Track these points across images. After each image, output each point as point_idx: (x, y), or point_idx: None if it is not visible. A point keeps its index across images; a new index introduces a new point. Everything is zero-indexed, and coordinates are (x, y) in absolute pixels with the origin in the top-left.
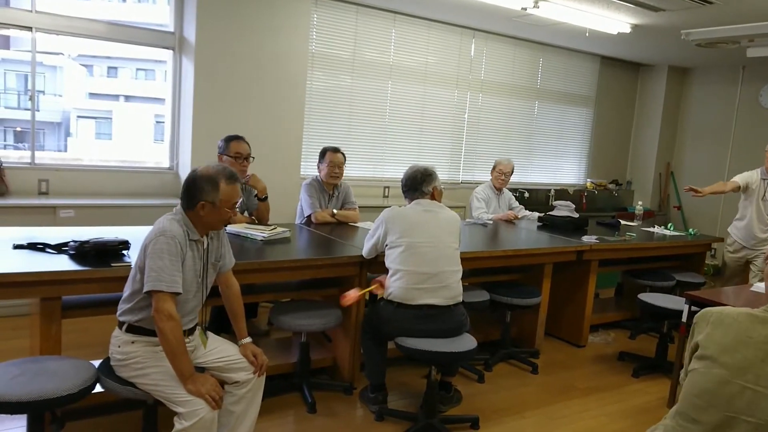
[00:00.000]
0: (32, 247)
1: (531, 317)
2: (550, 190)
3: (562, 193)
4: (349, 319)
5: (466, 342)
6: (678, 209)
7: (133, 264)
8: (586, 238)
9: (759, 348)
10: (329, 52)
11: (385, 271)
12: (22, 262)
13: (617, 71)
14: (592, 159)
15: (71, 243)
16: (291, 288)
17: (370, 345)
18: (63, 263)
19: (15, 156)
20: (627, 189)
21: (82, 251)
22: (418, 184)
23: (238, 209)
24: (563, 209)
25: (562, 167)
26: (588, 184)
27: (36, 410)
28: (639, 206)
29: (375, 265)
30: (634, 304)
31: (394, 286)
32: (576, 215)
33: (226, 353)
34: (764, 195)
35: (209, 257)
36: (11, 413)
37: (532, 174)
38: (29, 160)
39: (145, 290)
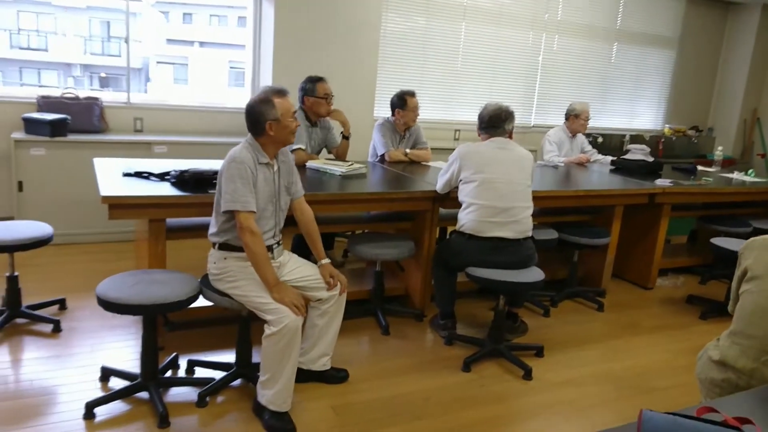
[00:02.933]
0: (138, 175)
1: (599, 258)
2: (624, 136)
3: (637, 139)
4: (421, 250)
5: (534, 274)
6: (762, 157)
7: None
8: (659, 182)
9: None
10: None
11: (458, 206)
12: (133, 188)
13: (704, 11)
14: (672, 104)
15: (172, 172)
16: (367, 221)
17: (441, 275)
18: (166, 189)
19: (111, 97)
20: (708, 135)
21: (182, 179)
22: (501, 121)
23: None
24: (637, 153)
25: (639, 112)
26: (666, 129)
27: (152, 312)
28: (719, 152)
29: (447, 200)
30: (707, 250)
31: (466, 218)
32: (650, 159)
33: (307, 273)
34: None
35: (281, 180)
36: (132, 314)
37: (606, 118)
38: (125, 100)
39: (222, 210)
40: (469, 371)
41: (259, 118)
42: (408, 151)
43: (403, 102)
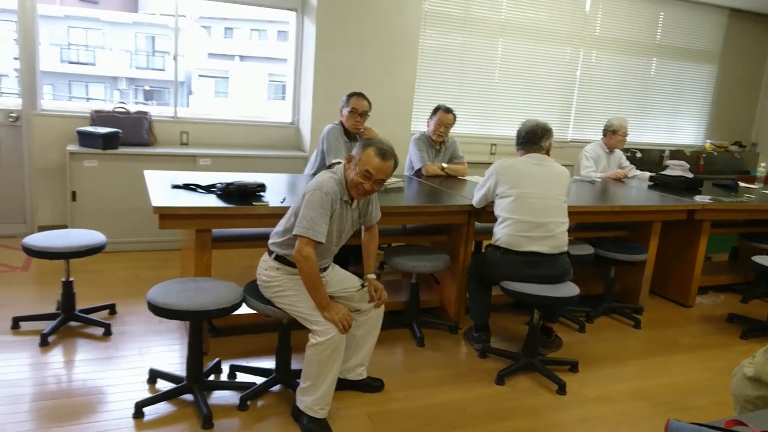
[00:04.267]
0: (186, 187)
1: (636, 274)
2: (664, 151)
3: (677, 154)
4: (456, 264)
5: (569, 289)
6: None
7: (291, 206)
8: (698, 198)
9: None
10: (441, 10)
11: (493, 220)
12: (182, 199)
13: (747, 24)
14: (713, 119)
15: (218, 184)
16: (403, 233)
17: (476, 288)
18: (212, 201)
19: (158, 111)
20: (751, 151)
21: (227, 191)
22: (537, 138)
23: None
24: (676, 168)
25: (679, 127)
26: (707, 145)
27: (198, 318)
28: (762, 168)
29: (483, 214)
30: (749, 268)
31: (501, 233)
32: (690, 175)
33: (351, 285)
34: None
35: (355, 216)
36: (179, 319)
37: (645, 133)
38: (172, 114)
39: (294, 233)
40: (503, 384)
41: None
42: (445, 165)
43: (434, 112)
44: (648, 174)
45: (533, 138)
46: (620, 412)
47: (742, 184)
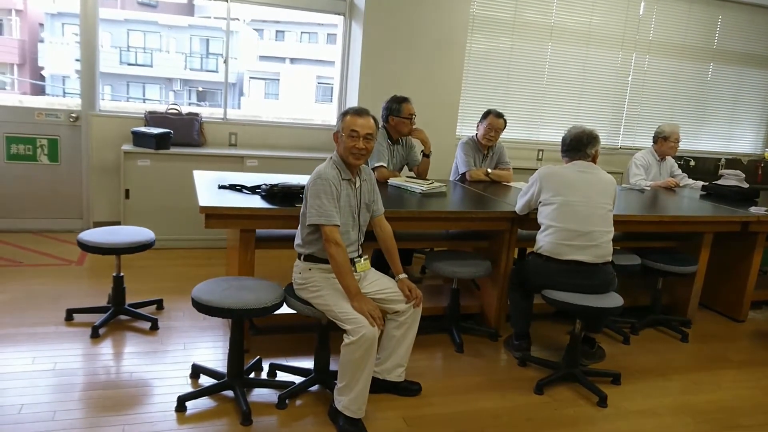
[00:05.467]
0: (232, 188)
1: (685, 286)
2: (720, 159)
3: (734, 163)
4: (498, 271)
5: (613, 299)
6: None
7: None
8: (754, 209)
9: None
10: (490, 15)
11: (536, 228)
12: (228, 199)
13: None
14: None
15: (263, 186)
16: (445, 238)
17: (517, 296)
18: (257, 202)
19: (208, 112)
20: None
21: (271, 193)
22: (583, 145)
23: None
24: (731, 178)
25: (736, 135)
26: (766, 153)
27: (241, 316)
28: None
29: (526, 222)
30: None
31: (544, 240)
32: (745, 185)
33: (386, 286)
34: None
35: (362, 197)
36: (222, 317)
37: (700, 141)
38: (222, 116)
39: (308, 223)
40: (542, 394)
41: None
42: (489, 171)
43: (485, 116)
44: (701, 183)
45: (578, 145)
46: (663, 428)
47: None
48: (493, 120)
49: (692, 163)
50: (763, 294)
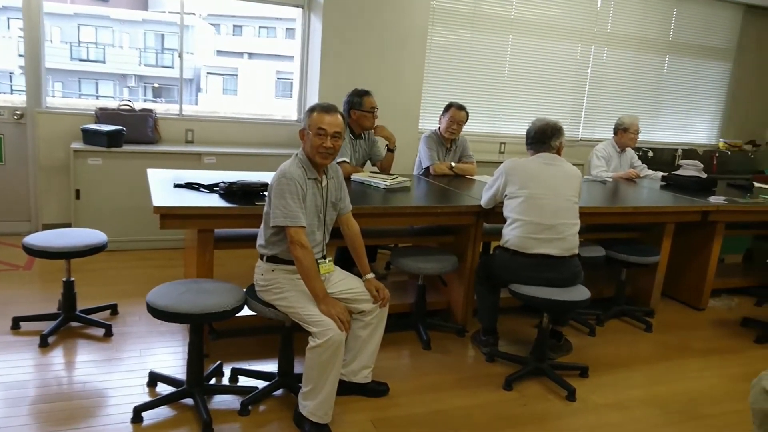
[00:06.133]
0: (189, 186)
1: (648, 276)
2: (677, 150)
3: (690, 153)
4: (464, 266)
5: (580, 292)
6: None
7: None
8: (713, 199)
9: None
10: (450, 7)
11: (502, 221)
12: (184, 199)
13: (762, 21)
14: (727, 117)
15: (221, 184)
16: (410, 234)
17: (484, 291)
18: (215, 201)
19: (163, 108)
20: (766, 150)
21: (230, 191)
22: (547, 137)
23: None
24: (690, 169)
25: (692, 126)
26: (720, 144)
27: (199, 321)
28: None
29: (492, 215)
30: (764, 270)
31: (510, 234)
32: (704, 175)
33: (352, 286)
34: None
35: (329, 196)
36: (180, 322)
37: (658, 132)
38: (177, 112)
39: (272, 224)
40: (511, 389)
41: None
42: (453, 164)
43: (446, 109)
44: (660, 174)
45: (543, 137)
46: (632, 420)
47: (757, 184)
48: (455, 113)
49: (650, 153)
50: (723, 282)
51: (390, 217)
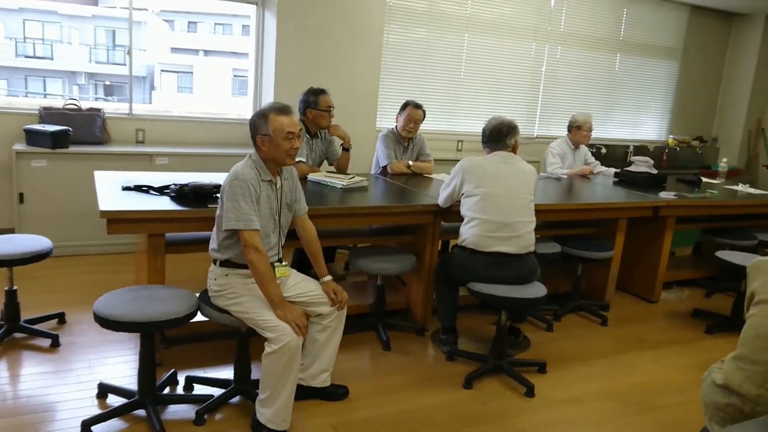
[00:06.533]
0: (138, 189)
1: (602, 271)
2: (628, 147)
3: (641, 150)
4: (422, 265)
5: (537, 289)
6: None
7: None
8: (663, 194)
9: None
10: (406, 5)
11: (459, 220)
12: (132, 202)
13: (707, 21)
14: (675, 114)
15: (172, 186)
16: (368, 234)
17: (443, 289)
18: (166, 204)
19: (113, 107)
20: (712, 146)
21: (181, 193)
22: (502, 136)
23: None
24: (641, 165)
25: (643, 123)
26: (670, 140)
27: (149, 330)
28: (723, 163)
29: (449, 214)
30: (712, 263)
31: (468, 233)
32: (654, 171)
33: (309, 289)
34: None
35: (283, 197)
36: (129, 331)
37: (610, 129)
38: (127, 111)
39: (225, 228)
40: (471, 388)
41: (253, 131)
42: (411, 163)
43: (403, 107)
44: (613, 170)
45: (498, 136)
46: (589, 414)
47: (704, 179)
48: (412, 111)
49: (604, 150)
50: (674, 275)
51: (347, 218)
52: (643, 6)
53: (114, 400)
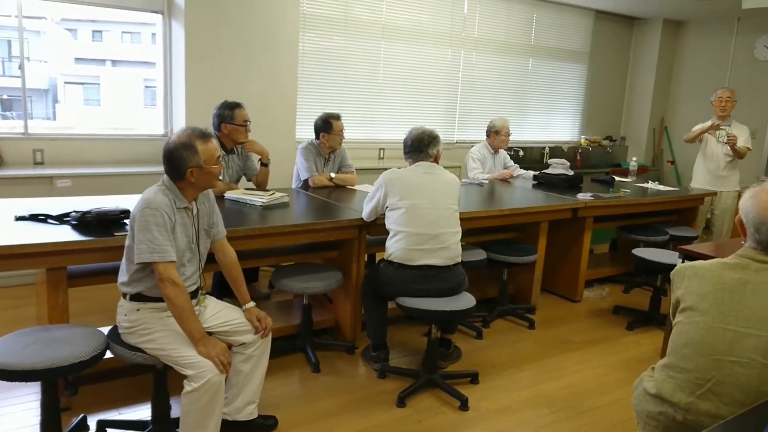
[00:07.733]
0: (34, 218)
1: (527, 274)
2: (544, 148)
3: (556, 151)
4: (349, 281)
5: (465, 300)
6: (672, 164)
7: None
8: (581, 196)
9: (734, 291)
10: (320, 13)
11: (385, 233)
12: (25, 234)
13: (611, 25)
14: (586, 115)
15: (73, 213)
16: (292, 252)
17: (371, 305)
18: (66, 234)
19: (7, 126)
20: (621, 145)
21: (84, 221)
22: (424, 146)
23: (226, 176)
24: (558, 167)
25: (557, 124)
26: (582, 140)
27: (50, 377)
28: (633, 162)
29: (374, 227)
30: (629, 259)
31: (394, 247)
32: (571, 173)
33: (231, 317)
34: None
35: (200, 223)
36: (27, 381)
37: (526, 132)
38: (22, 130)
39: (137, 261)
40: (404, 406)
41: (180, 163)
42: (333, 175)
43: (328, 126)
44: (531, 173)
45: (420, 146)
46: (522, 423)
47: (617, 178)
48: (338, 124)
49: (521, 153)
50: (594, 273)
51: (268, 238)
52: (550, 11)
53: None
